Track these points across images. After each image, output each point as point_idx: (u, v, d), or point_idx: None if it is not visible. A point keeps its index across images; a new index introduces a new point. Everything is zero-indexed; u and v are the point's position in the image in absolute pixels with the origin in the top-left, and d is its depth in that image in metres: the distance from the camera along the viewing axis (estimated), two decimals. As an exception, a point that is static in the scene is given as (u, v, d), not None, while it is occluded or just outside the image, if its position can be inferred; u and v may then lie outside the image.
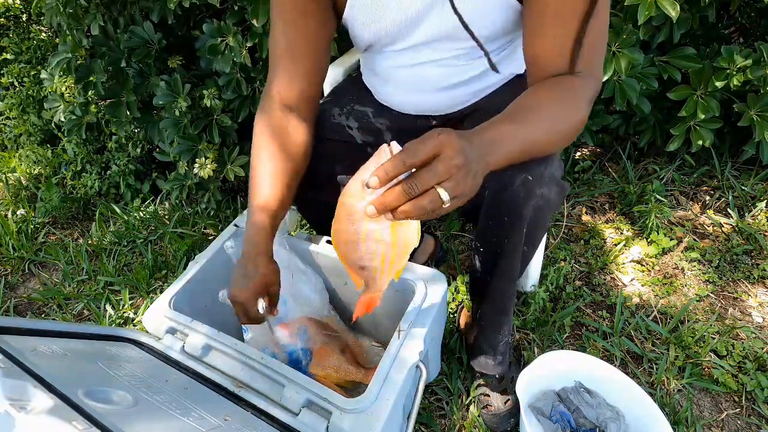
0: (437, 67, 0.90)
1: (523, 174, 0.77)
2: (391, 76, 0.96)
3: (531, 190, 0.77)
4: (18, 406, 0.53)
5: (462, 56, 0.88)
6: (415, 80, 0.93)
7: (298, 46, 0.85)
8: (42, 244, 1.88)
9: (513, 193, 0.78)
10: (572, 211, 1.62)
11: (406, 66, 0.91)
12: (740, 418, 1.07)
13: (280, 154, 0.85)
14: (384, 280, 0.65)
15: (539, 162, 0.77)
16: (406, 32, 0.85)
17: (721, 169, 1.63)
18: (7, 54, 2.48)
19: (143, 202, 1.99)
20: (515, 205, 0.79)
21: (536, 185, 0.77)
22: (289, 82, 0.86)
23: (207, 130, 1.56)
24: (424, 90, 0.94)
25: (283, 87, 0.87)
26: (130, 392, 0.69)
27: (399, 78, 0.94)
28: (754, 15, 1.55)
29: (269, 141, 0.85)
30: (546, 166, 0.78)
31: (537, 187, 0.77)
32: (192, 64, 1.69)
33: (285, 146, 0.86)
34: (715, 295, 1.31)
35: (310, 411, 0.75)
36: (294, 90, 0.87)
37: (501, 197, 0.80)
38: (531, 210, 0.79)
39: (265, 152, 0.85)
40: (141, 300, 1.51)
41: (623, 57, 1.25)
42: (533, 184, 0.77)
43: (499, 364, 1.04)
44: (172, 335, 0.91)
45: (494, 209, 0.82)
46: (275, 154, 0.85)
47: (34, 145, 2.39)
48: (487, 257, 0.89)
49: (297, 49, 0.85)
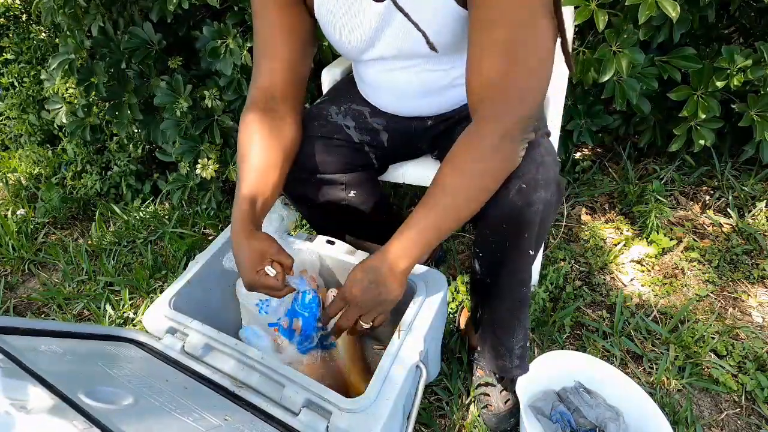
0: (415, 74, 0.90)
1: (518, 182, 0.75)
2: (375, 82, 0.96)
3: (528, 198, 0.75)
4: (18, 406, 0.53)
5: (435, 65, 0.88)
6: (398, 86, 0.93)
7: (274, 41, 0.87)
8: (42, 244, 1.88)
9: (510, 204, 0.76)
10: (572, 211, 1.62)
11: (385, 72, 0.92)
12: (740, 418, 1.07)
13: (262, 143, 0.86)
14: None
15: (530, 166, 0.76)
16: (368, 46, 0.87)
17: (721, 169, 1.63)
18: (7, 54, 2.49)
19: (143, 203, 1.99)
20: (513, 214, 0.77)
21: (532, 191, 0.75)
22: (270, 75, 0.88)
23: (208, 131, 1.56)
24: (410, 95, 0.95)
25: (264, 81, 0.88)
26: (130, 392, 0.69)
27: (384, 84, 0.95)
28: (754, 15, 1.55)
29: (253, 131, 0.86)
30: (539, 168, 0.76)
31: (533, 193, 0.75)
32: (192, 64, 1.69)
33: (268, 135, 0.86)
34: (715, 295, 1.31)
35: (310, 411, 0.75)
36: (274, 83, 0.88)
37: (497, 207, 0.78)
38: (531, 216, 0.77)
39: (249, 142, 0.86)
40: (141, 300, 1.51)
41: (623, 57, 1.25)
42: (529, 190, 0.75)
43: (517, 367, 1.00)
44: (172, 335, 0.91)
45: (491, 218, 0.80)
46: (258, 143, 0.85)
47: (34, 145, 2.39)
48: (488, 263, 0.88)
49: (273, 44, 0.87)
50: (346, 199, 1.05)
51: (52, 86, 1.77)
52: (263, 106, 0.87)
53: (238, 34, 1.39)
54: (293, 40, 0.87)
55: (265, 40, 0.87)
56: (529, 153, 0.77)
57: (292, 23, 0.86)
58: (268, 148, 0.86)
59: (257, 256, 0.81)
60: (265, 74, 0.88)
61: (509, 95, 0.71)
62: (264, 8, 0.84)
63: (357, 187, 1.05)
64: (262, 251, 0.81)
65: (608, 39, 1.27)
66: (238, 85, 1.47)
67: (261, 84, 0.89)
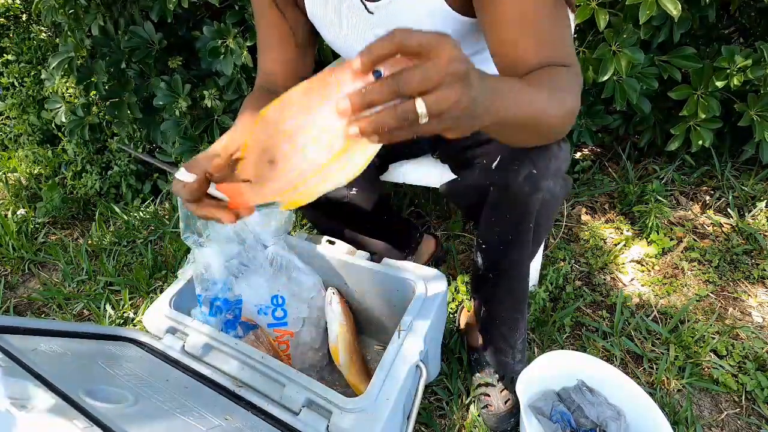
0: None
1: (528, 167, 0.75)
2: None
3: (536, 184, 0.75)
4: (19, 405, 0.53)
5: None
6: None
7: (272, 41, 0.89)
8: (42, 244, 1.88)
9: (518, 188, 0.76)
10: (572, 211, 1.62)
11: None
12: (740, 418, 1.07)
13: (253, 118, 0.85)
14: (276, 191, 0.52)
15: (544, 154, 0.76)
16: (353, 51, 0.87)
17: (721, 169, 1.63)
18: (8, 55, 2.49)
19: (143, 203, 1.99)
20: (521, 200, 0.77)
21: (542, 179, 0.75)
22: (270, 66, 0.90)
23: (208, 131, 1.56)
24: None
25: (264, 76, 0.91)
26: (130, 391, 0.69)
27: None
28: (754, 15, 1.55)
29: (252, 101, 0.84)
30: (552, 159, 0.76)
31: (542, 180, 0.75)
32: (192, 63, 1.69)
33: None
34: (715, 295, 1.31)
35: (311, 410, 0.75)
36: (273, 75, 0.90)
37: (505, 192, 0.78)
38: (536, 203, 0.77)
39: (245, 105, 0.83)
40: (141, 300, 1.51)
41: (624, 56, 1.25)
42: (538, 177, 0.75)
43: (519, 362, 1.03)
44: (173, 335, 0.91)
45: (498, 205, 0.80)
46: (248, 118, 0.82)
47: (34, 145, 2.39)
48: (492, 255, 0.89)
49: (271, 45, 0.89)
50: (347, 197, 1.05)
51: (52, 86, 1.77)
52: (266, 89, 0.89)
53: (238, 34, 1.39)
54: (292, 42, 0.89)
55: (265, 39, 0.89)
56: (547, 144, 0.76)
57: (289, 26, 0.87)
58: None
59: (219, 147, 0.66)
60: (267, 69, 0.91)
61: (572, 51, 0.69)
62: (263, 8, 0.86)
63: (358, 184, 1.05)
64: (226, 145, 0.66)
65: (608, 39, 1.27)
66: (238, 85, 1.47)
67: (263, 76, 0.91)
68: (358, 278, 1.06)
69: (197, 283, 0.96)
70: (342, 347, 1.03)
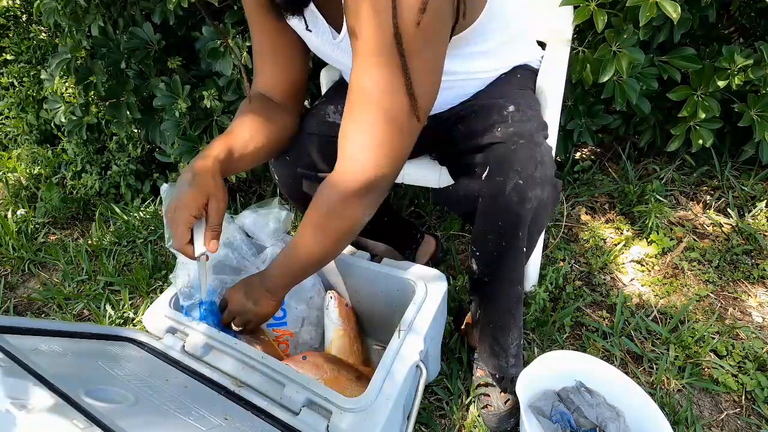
0: None
1: (514, 179, 0.77)
2: None
3: (524, 194, 0.77)
4: (19, 405, 0.53)
5: None
6: None
7: (263, 49, 0.92)
8: (42, 244, 1.88)
9: (506, 199, 0.78)
10: (572, 211, 1.62)
11: None
12: (740, 418, 1.07)
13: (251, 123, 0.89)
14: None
15: (530, 164, 0.77)
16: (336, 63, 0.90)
17: (721, 169, 1.63)
18: (7, 55, 2.48)
19: (143, 202, 1.99)
20: (509, 210, 0.79)
21: (528, 188, 0.77)
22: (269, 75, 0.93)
23: (208, 131, 1.56)
24: None
25: (259, 81, 0.94)
26: (130, 391, 0.69)
27: None
28: (754, 15, 1.55)
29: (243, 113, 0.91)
30: (537, 166, 0.77)
31: (529, 190, 0.77)
32: (192, 64, 1.69)
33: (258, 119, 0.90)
34: (715, 295, 1.31)
35: (311, 410, 0.75)
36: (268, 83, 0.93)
37: (494, 204, 0.79)
38: (526, 213, 0.79)
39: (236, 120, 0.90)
40: (141, 300, 1.51)
41: (624, 57, 1.25)
42: (525, 187, 0.77)
43: (513, 366, 1.03)
44: (172, 335, 0.91)
45: (488, 215, 0.82)
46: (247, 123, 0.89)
47: (33, 145, 2.39)
48: (485, 261, 0.89)
49: (263, 53, 0.92)
50: None
51: (52, 86, 1.77)
52: (260, 97, 0.92)
53: (238, 35, 1.39)
54: (285, 47, 0.91)
55: (258, 45, 0.92)
56: (530, 151, 0.78)
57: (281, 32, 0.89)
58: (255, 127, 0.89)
59: (199, 193, 0.78)
60: (261, 75, 0.94)
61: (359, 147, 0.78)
62: (254, 15, 0.88)
63: None
64: (209, 193, 0.79)
65: (608, 39, 1.27)
66: (238, 85, 1.47)
67: (259, 81, 0.94)
68: (358, 278, 1.06)
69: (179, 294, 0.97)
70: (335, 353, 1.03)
